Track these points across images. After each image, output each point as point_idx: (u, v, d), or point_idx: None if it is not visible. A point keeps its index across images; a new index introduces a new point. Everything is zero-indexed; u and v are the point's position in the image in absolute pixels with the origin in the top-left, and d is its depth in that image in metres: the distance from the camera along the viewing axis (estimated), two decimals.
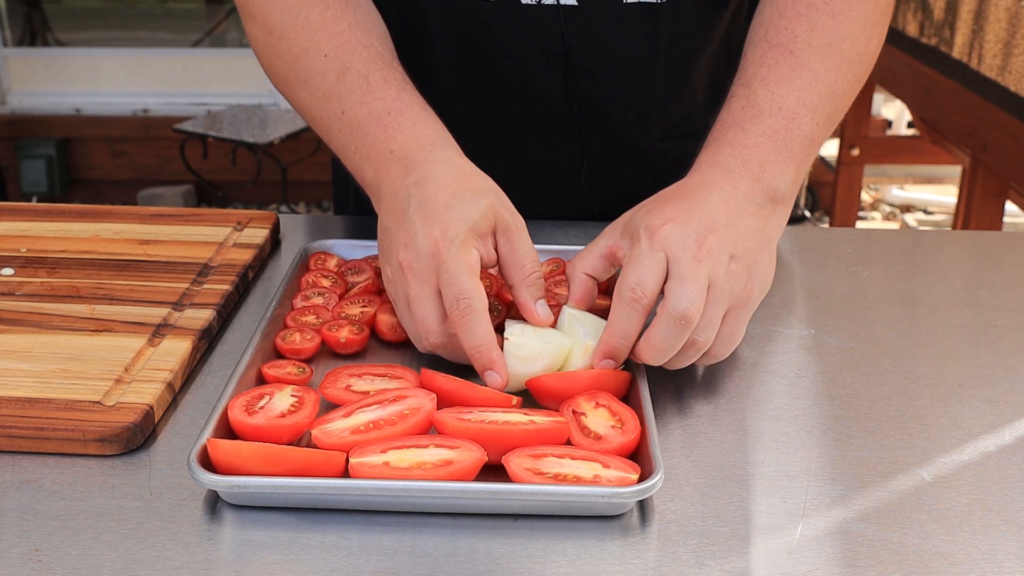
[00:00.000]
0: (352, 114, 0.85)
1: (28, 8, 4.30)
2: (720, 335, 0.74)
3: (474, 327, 0.72)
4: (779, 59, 0.87)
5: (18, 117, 4.07)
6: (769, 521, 0.63)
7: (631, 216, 0.79)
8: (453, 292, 0.72)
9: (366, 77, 0.86)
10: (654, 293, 0.72)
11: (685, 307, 0.70)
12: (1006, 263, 1.03)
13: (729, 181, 0.78)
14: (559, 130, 1.06)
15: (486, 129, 1.06)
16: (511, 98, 1.04)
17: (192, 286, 0.89)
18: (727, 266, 0.73)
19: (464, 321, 0.72)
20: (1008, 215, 2.42)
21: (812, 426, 0.73)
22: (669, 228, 0.73)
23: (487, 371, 0.72)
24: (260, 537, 0.61)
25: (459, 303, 0.72)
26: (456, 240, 0.74)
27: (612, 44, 1.01)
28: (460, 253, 0.74)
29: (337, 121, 0.86)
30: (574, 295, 0.79)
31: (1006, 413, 0.75)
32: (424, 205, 0.76)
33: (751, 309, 0.76)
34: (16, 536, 0.60)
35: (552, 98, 1.04)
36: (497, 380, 0.72)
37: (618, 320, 0.72)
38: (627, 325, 0.72)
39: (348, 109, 0.85)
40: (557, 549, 0.60)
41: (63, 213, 1.04)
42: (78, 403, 0.70)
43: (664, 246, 0.72)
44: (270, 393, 0.70)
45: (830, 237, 1.12)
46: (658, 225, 0.73)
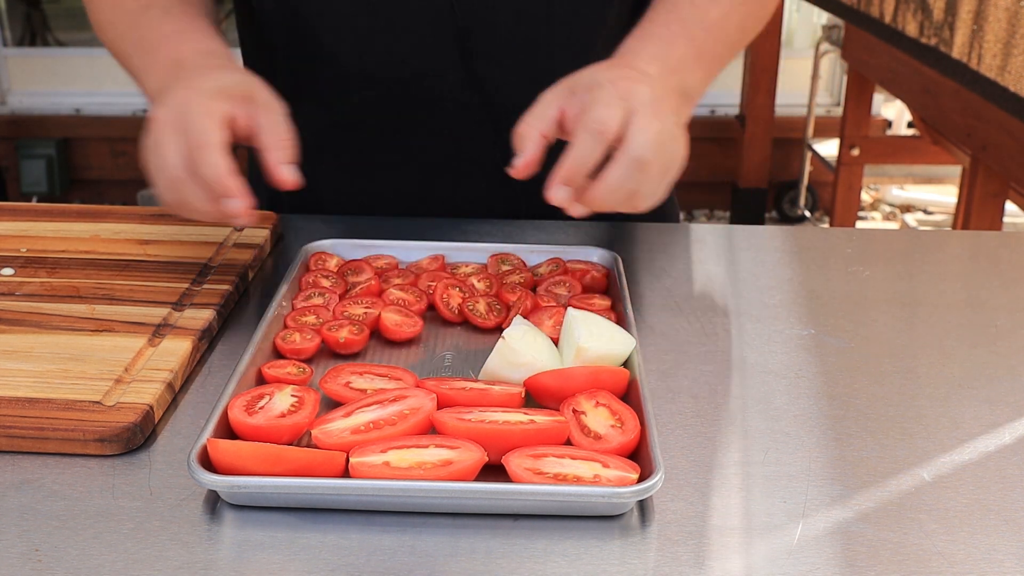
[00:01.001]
0: (147, 38, 0.93)
1: (28, 8, 4.29)
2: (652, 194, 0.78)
3: (207, 159, 0.76)
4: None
5: (18, 117, 4.07)
6: (769, 521, 0.63)
7: (576, 79, 0.80)
8: (192, 129, 0.77)
9: (166, 9, 0.95)
10: (616, 133, 0.74)
11: (643, 152, 0.74)
12: (1006, 263, 1.03)
13: (654, 68, 0.84)
14: (464, 118, 1.06)
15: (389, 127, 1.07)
16: (409, 91, 1.05)
17: (192, 286, 0.89)
18: (672, 131, 0.78)
19: (200, 155, 0.76)
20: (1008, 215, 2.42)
21: (812, 426, 0.73)
22: (630, 82, 0.77)
23: (224, 199, 0.76)
24: (260, 537, 0.61)
25: (195, 137, 0.76)
26: (205, 93, 0.79)
27: (505, 23, 1.02)
28: (205, 100, 0.79)
29: (134, 47, 0.94)
30: (526, 160, 0.77)
31: (1006, 413, 0.75)
32: (189, 79, 0.83)
33: (674, 177, 0.80)
34: (16, 536, 0.60)
35: (451, 85, 1.04)
36: (237, 204, 0.76)
37: (581, 148, 0.74)
38: (589, 154, 0.74)
39: (145, 35, 0.93)
40: (557, 549, 0.60)
41: (63, 213, 1.04)
42: (78, 403, 0.70)
43: (626, 96, 0.76)
44: (270, 393, 0.70)
45: (830, 237, 1.12)
46: (618, 79, 0.77)
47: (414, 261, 0.94)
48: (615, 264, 0.92)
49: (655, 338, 0.85)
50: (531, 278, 0.91)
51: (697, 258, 1.02)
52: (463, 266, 0.94)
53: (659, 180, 0.77)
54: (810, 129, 3.77)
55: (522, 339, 0.74)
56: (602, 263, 0.94)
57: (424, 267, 0.93)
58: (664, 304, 0.91)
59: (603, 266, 0.93)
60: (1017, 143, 1.95)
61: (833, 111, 4.15)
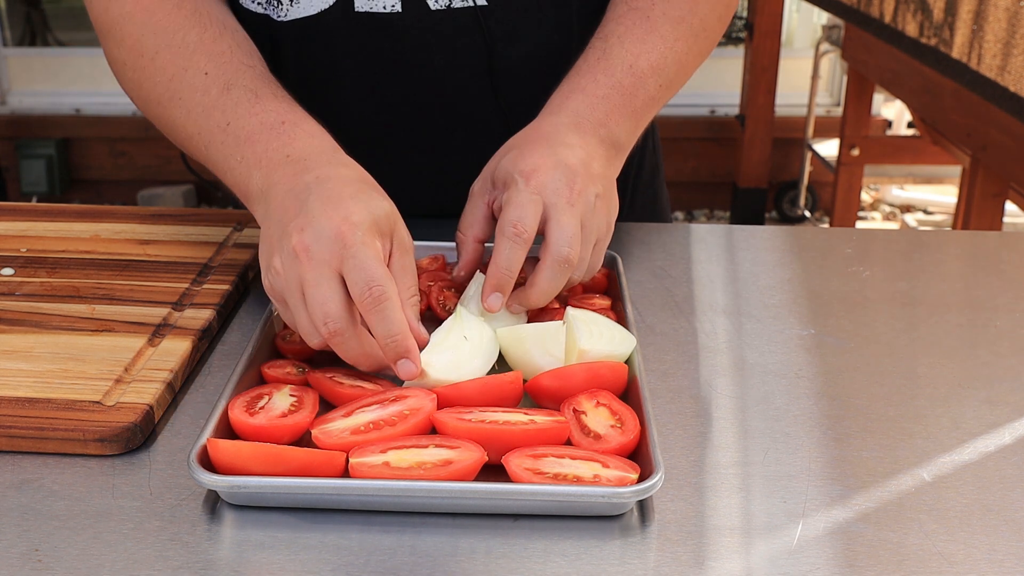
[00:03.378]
0: (240, 124, 0.81)
1: (28, 8, 4.29)
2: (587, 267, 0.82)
3: (389, 315, 0.69)
4: (636, 22, 0.93)
5: (18, 117, 4.07)
6: (769, 521, 0.63)
7: (496, 165, 0.83)
8: (364, 278, 0.69)
9: (254, 91, 0.83)
10: (534, 230, 0.77)
11: (567, 252, 0.77)
12: (1006, 263, 1.03)
13: (579, 128, 0.85)
14: (482, 132, 1.04)
15: (406, 143, 1.05)
16: (430, 108, 1.03)
17: (192, 286, 0.89)
18: (593, 206, 0.80)
19: (378, 309, 0.69)
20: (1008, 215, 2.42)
21: (812, 426, 0.73)
22: (542, 174, 0.78)
23: (401, 360, 0.69)
24: (260, 537, 0.61)
25: (371, 290, 0.68)
26: (362, 226, 0.71)
27: (529, 37, 1.01)
28: (367, 239, 0.70)
29: (220, 132, 0.82)
30: (464, 262, 0.83)
31: (1006, 413, 0.75)
32: (326, 196, 0.73)
33: (608, 241, 0.85)
34: (16, 536, 0.60)
35: (473, 101, 1.03)
36: (412, 369, 0.69)
37: (503, 254, 0.76)
38: (511, 258, 0.77)
39: (235, 120, 0.82)
40: (557, 549, 0.60)
41: (63, 213, 1.04)
42: (78, 403, 0.70)
43: (539, 191, 0.78)
44: (269, 393, 0.70)
45: (830, 237, 1.12)
46: (531, 171, 0.79)
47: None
48: (615, 264, 0.92)
49: (655, 338, 0.85)
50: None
51: (697, 258, 1.02)
52: None
53: (592, 258, 0.82)
54: (810, 129, 3.77)
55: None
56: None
57: (424, 267, 0.93)
58: (664, 304, 0.91)
59: (603, 266, 0.93)
60: (1017, 143, 1.95)
61: (833, 111, 4.15)
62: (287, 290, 0.72)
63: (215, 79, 0.84)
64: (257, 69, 0.86)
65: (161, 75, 0.87)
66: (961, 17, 2.10)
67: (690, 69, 0.97)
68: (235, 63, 0.86)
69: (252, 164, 0.79)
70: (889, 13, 2.48)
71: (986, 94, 1.99)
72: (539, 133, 0.84)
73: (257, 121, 0.81)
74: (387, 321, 0.69)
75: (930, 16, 2.25)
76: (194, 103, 0.84)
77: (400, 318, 0.69)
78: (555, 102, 0.88)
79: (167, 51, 0.87)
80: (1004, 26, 1.91)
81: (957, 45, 2.12)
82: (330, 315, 0.69)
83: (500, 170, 0.82)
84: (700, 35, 0.96)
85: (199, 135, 0.84)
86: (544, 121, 0.86)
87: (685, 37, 0.94)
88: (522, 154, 0.81)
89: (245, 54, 0.87)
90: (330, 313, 0.69)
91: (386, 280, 0.69)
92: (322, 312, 0.69)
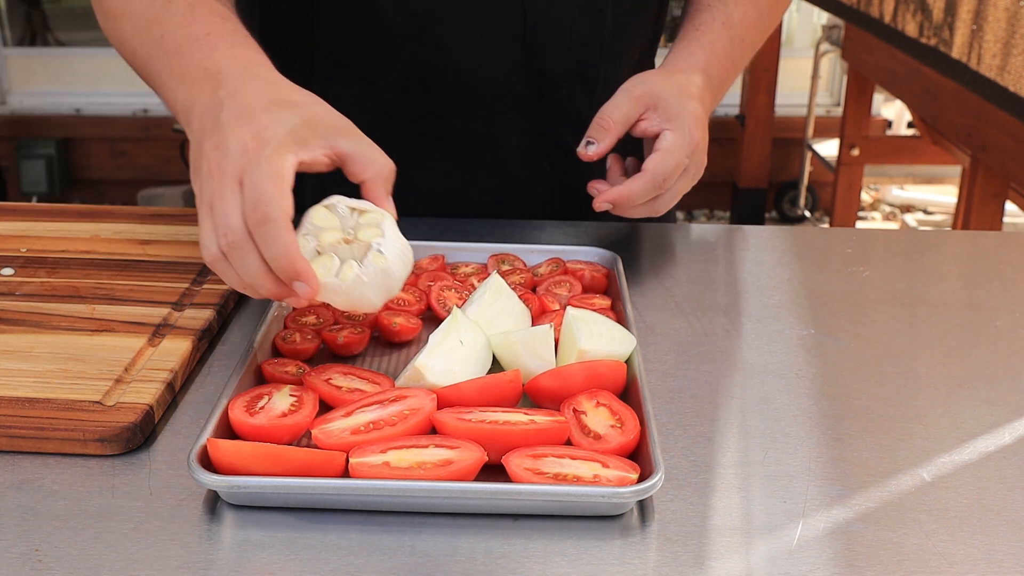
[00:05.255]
0: (171, 37, 0.82)
1: (28, 8, 4.29)
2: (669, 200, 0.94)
3: (272, 237, 0.67)
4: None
5: (18, 117, 4.07)
6: (769, 521, 0.63)
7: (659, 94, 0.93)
8: (252, 197, 0.68)
9: (192, 5, 0.84)
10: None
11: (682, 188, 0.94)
12: (1006, 263, 1.03)
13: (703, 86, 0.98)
14: (511, 109, 1.07)
15: (436, 117, 1.06)
16: (462, 81, 1.04)
17: (192, 286, 0.89)
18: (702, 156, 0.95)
19: (261, 230, 0.67)
20: (1008, 215, 2.42)
21: (812, 426, 0.73)
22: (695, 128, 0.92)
23: (295, 282, 0.68)
24: (260, 537, 0.61)
25: (256, 210, 0.67)
26: (271, 142, 0.70)
27: (562, 18, 1.03)
28: (272, 155, 0.69)
29: (156, 46, 0.83)
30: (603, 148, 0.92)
31: (1006, 413, 0.75)
32: (239, 111, 0.72)
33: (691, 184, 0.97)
34: (16, 536, 0.60)
35: (504, 72, 1.04)
36: (306, 290, 0.68)
37: (641, 190, 0.90)
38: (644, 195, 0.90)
39: (168, 33, 0.82)
40: (557, 549, 0.60)
41: (63, 213, 1.04)
42: (78, 403, 0.70)
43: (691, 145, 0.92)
44: (269, 393, 0.70)
45: (830, 237, 1.12)
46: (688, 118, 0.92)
47: (414, 261, 0.94)
48: (615, 264, 0.92)
49: (655, 338, 0.85)
50: (531, 278, 0.91)
51: (697, 258, 1.02)
52: (463, 266, 0.94)
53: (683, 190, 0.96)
54: (810, 129, 3.77)
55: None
56: (602, 263, 0.94)
57: (424, 267, 0.93)
58: (664, 304, 0.91)
59: (603, 266, 0.93)
60: (1017, 143, 1.95)
61: (833, 111, 4.15)
62: (200, 205, 0.71)
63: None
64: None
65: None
66: (961, 17, 2.10)
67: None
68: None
69: (177, 78, 0.80)
70: (889, 13, 2.48)
71: (986, 94, 1.99)
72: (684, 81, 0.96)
73: (186, 33, 0.81)
74: (268, 244, 0.67)
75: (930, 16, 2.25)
76: (139, 15, 0.86)
77: (284, 240, 0.67)
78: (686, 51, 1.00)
79: None
80: (1004, 26, 1.91)
81: (957, 45, 2.12)
82: (230, 226, 0.68)
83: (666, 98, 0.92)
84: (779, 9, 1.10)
85: (140, 47, 0.86)
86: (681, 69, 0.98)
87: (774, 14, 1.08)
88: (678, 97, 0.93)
89: None
90: (231, 224, 0.68)
91: (272, 200, 0.68)
92: (224, 223, 0.69)
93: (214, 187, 0.70)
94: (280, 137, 0.70)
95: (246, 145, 0.70)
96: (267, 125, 0.71)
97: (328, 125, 0.74)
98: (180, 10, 0.83)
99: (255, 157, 0.69)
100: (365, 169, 0.75)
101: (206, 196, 0.71)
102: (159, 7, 0.84)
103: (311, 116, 0.74)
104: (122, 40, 0.89)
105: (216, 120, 0.72)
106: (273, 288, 0.70)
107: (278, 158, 0.70)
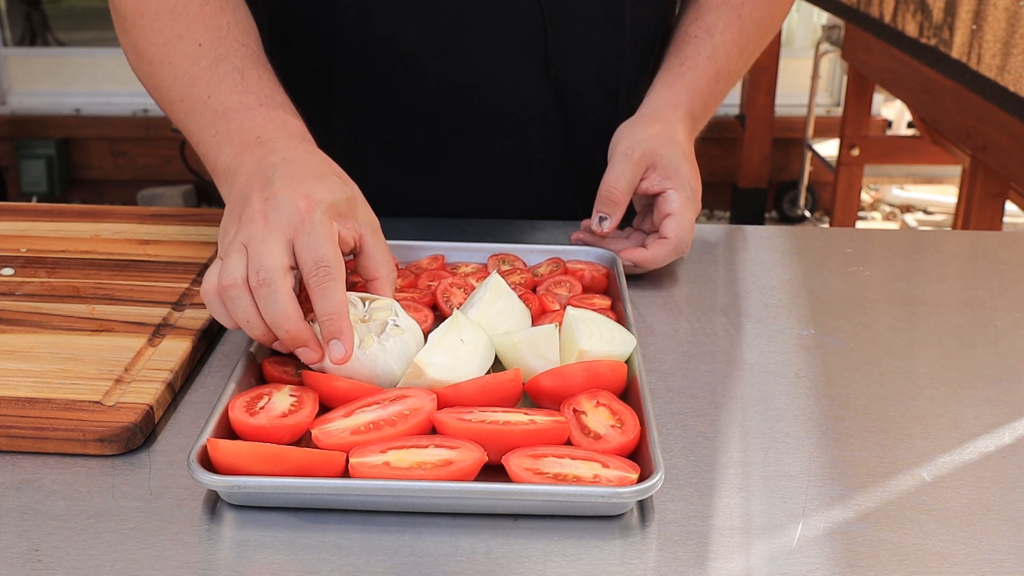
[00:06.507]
0: (220, 99, 0.84)
1: (28, 8, 4.29)
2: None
3: (331, 293, 0.70)
4: (731, 21, 1.04)
5: (18, 117, 4.07)
6: (769, 521, 0.63)
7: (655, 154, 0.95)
8: (315, 255, 0.71)
9: (241, 71, 0.85)
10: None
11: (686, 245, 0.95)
12: (1005, 263, 1.03)
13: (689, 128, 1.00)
14: (534, 117, 1.07)
15: (459, 124, 1.07)
16: (484, 93, 1.05)
17: (192, 286, 0.89)
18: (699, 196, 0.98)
19: (325, 286, 0.70)
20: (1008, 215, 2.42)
21: (812, 426, 0.73)
22: (695, 179, 0.96)
23: (333, 340, 0.70)
24: (260, 537, 0.61)
25: (319, 268, 0.70)
26: (322, 205, 0.73)
27: (582, 29, 1.04)
28: (325, 218, 0.73)
29: (201, 104, 0.85)
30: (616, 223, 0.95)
31: (1006, 413, 0.75)
32: (291, 175, 0.75)
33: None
34: (16, 536, 0.60)
35: (528, 85, 1.05)
36: (341, 351, 0.70)
37: (663, 256, 0.94)
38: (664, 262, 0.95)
39: (216, 95, 0.84)
40: (557, 549, 0.60)
41: (63, 213, 1.04)
42: (78, 403, 0.70)
43: (693, 202, 0.95)
44: (269, 393, 0.70)
45: (830, 237, 1.12)
46: (690, 177, 0.95)
47: (414, 261, 0.94)
48: (615, 264, 0.92)
49: (655, 338, 0.85)
50: (531, 278, 0.91)
51: (697, 258, 1.02)
52: (463, 266, 0.94)
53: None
54: (810, 129, 3.77)
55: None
56: (602, 263, 0.94)
57: (424, 267, 0.93)
58: (664, 304, 0.91)
59: (603, 266, 0.93)
60: (1017, 143, 1.95)
61: (833, 111, 4.15)
62: (234, 245, 0.72)
63: (207, 51, 0.87)
64: (250, 48, 0.89)
65: (158, 37, 0.89)
66: (960, 17, 2.10)
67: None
68: (230, 39, 0.88)
69: (224, 140, 0.82)
70: (889, 13, 2.48)
71: (986, 94, 1.99)
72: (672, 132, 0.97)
73: (237, 100, 0.83)
74: (330, 299, 0.70)
75: (930, 16, 2.25)
76: (182, 71, 0.87)
77: (342, 300, 0.70)
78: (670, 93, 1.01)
79: (168, 15, 0.89)
80: (1003, 26, 1.91)
81: (957, 45, 2.12)
82: (265, 266, 0.70)
83: (663, 158, 0.95)
84: (763, 42, 1.09)
85: (181, 102, 0.87)
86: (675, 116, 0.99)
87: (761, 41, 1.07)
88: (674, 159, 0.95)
89: (241, 32, 0.90)
90: (266, 265, 0.70)
91: (336, 262, 0.71)
92: (259, 262, 0.70)
93: (255, 230, 0.72)
94: (328, 203, 0.74)
95: (298, 205, 0.72)
96: (317, 190, 0.74)
97: (365, 212, 0.78)
98: (229, 74, 0.85)
99: (308, 218, 0.72)
100: (379, 268, 0.78)
101: (243, 236, 0.72)
102: (205, 66, 0.86)
103: (355, 196, 0.78)
104: (158, 87, 0.91)
105: (267, 179, 0.75)
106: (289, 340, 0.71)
107: (328, 221, 0.73)
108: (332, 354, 0.70)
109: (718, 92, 1.04)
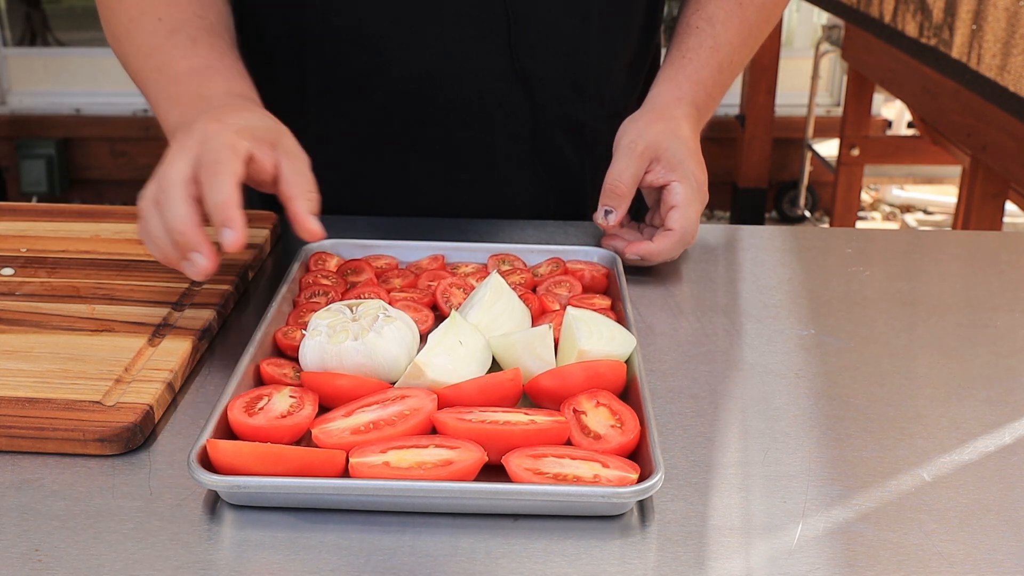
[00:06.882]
0: (172, 66, 0.91)
1: (28, 8, 4.29)
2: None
3: (220, 184, 0.74)
4: (733, 9, 1.05)
5: (18, 117, 4.07)
6: (769, 521, 0.63)
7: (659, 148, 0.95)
8: (209, 157, 0.75)
9: (193, 39, 0.92)
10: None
11: (692, 236, 0.96)
12: (1005, 263, 1.03)
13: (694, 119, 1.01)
14: (501, 108, 1.07)
15: (425, 115, 1.07)
16: (450, 84, 1.05)
17: (192, 286, 0.89)
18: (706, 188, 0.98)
19: (211, 179, 0.74)
20: (1008, 215, 2.42)
21: (812, 426, 0.73)
22: (700, 171, 0.96)
23: (224, 228, 0.73)
24: (260, 537, 0.61)
25: (210, 165, 0.74)
26: (232, 127, 0.78)
27: (547, 20, 1.04)
28: (229, 132, 0.77)
29: (156, 72, 0.92)
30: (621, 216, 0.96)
31: (1006, 413, 0.75)
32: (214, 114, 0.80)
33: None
34: (16, 536, 0.60)
35: (493, 76, 1.05)
36: (231, 237, 0.73)
37: (668, 249, 0.95)
38: (670, 254, 0.95)
39: (169, 63, 0.91)
40: (557, 549, 0.60)
41: (63, 213, 1.04)
42: (78, 403, 0.70)
43: (700, 193, 0.96)
44: (269, 394, 0.70)
45: (830, 237, 1.12)
46: (695, 169, 0.96)
47: (414, 261, 0.94)
48: (615, 264, 0.92)
49: (655, 338, 0.85)
50: (531, 278, 0.91)
51: (697, 258, 1.02)
52: (463, 266, 0.94)
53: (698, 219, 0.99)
54: (810, 129, 3.77)
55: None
56: (602, 263, 0.94)
57: (424, 267, 0.93)
58: (664, 304, 0.91)
59: (603, 266, 0.93)
60: (1017, 143, 1.95)
61: (833, 111, 4.15)
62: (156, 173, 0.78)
63: (166, 24, 0.93)
64: (207, 20, 0.95)
65: (125, 15, 0.96)
66: (960, 17, 2.10)
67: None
68: (188, 13, 0.94)
69: (175, 102, 0.88)
70: (889, 13, 2.48)
71: (986, 94, 1.99)
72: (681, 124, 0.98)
73: (187, 64, 0.90)
74: (218, 190, 0.73)
75: (930, 16, 2.25)
76: (143, 43, 0.94)
77: (228, 189, 0.74)
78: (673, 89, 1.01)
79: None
80: (1003, 26, 1.91)
81: (957, 45, 2.12)
82: (167, 176, 0.75)
83: (666, 151, 0.95)
84: (764, 32, 1.10)
85: (141, 71, 0.94)
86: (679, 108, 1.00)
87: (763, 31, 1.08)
88: (678, 148, 0.96)
89: (201, 6, 0.96)
90: (167, 175, 0.75)
91: (228, 159, 0.75)
92: (162, 174, 0.76)
93: (169, 155, 0.77)
94: (240, 125, 0.79)
95: (208, 127, 0.77)
96: (231, 117, 0.80)
97: (291, 145, 0.82)
98: (182, 42, 0.92)
99: (213, 132, 0.77)
100: (292, 188, 0.79)
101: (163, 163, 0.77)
102: (162, 37, 0.93)
103: (280, 129, 0.82)
104: (125, 61, 0.97)
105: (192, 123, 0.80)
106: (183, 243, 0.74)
107: (233, 135, 0.77)
108: (224, 240, 0.73)
109: (722, 82, 1.05)
